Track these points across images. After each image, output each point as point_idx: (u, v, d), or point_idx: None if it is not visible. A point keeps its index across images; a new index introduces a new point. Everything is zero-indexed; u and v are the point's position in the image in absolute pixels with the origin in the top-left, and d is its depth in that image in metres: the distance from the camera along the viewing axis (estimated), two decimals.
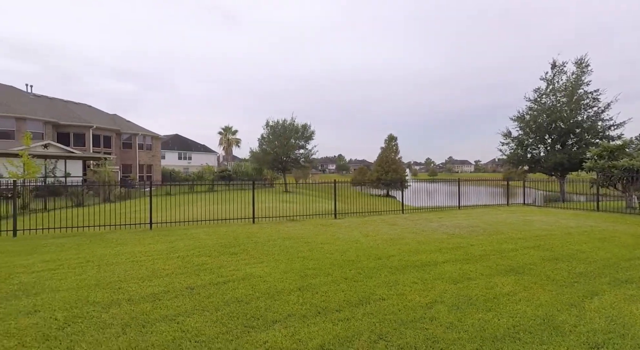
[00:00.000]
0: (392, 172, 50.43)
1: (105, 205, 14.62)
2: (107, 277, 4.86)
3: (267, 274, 4.90)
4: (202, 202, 15.60)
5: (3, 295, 4.12)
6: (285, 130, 36.33)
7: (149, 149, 39.30)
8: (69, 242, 7.32)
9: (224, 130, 70.79)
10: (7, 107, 26.14)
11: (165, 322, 3.40)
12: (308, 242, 7.08)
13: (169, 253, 6.26)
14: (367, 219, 10.69)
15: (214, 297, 4.04)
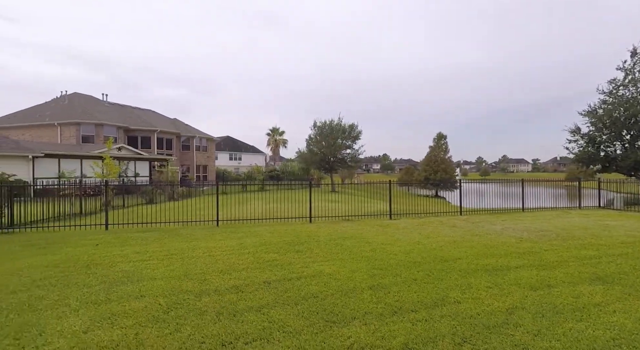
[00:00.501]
0: (441, 172, 48.55)
1: (171, 203, 15.93)
2: (191, 269, 5.36)
3: (335, 272, 5.08)
4: (257, 201, 16.35)
5: (113, 281, 4.74)
6: (332, 131, 36.67)
7: (204, 150, 41.89)
8: (151, 236, 8.14)
9: (271, 132, 73.13)
10: (89, 114, 29.45)
11: (252, 313, 3.70)
12: (369, 242, 7.17)
13: (240, 249, 6.71)
14: (423, 221, 10.49)
15: (290, 292, 4.29)
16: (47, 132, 29.17)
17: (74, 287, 4.52)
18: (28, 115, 31.60)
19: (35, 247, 6.90)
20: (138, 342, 3.10)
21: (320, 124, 37.17)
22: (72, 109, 30.73)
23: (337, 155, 37.01)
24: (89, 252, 6.45)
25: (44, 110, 32.13)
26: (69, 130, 28.74)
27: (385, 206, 15.60)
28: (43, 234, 8.47)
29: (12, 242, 7.42)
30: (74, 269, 5.33)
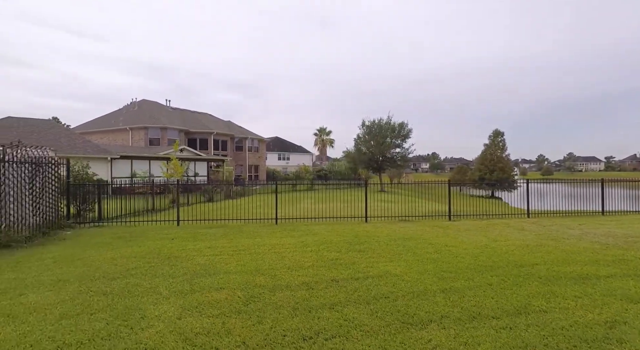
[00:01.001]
0: (497, 171, 45.63)
1: (228, 202, 16.84)
2: (261, 265, 5.62)
3: (403, 273, 5.02)
4: (308, 201, 16.62)
5: (193, 273, 5.15)
6: (381, 130, 36.13)
7: (256, 150, 43.62)
8: (218, 232, 8.68)
9: (319, 132, 74.02)
10: (155, 119, 32.13)
11: (326, 310, 3.79)
12: (432, 244, 6.97)
13: (302, 247, 6.90)
14: (486, 223, 9.94)
15: (360, 291, 4.33)
16: (120, 136, 32.38)
17: (161, 277, 4.98)
18: (105, 122, 35.34)
19: (122, 240, 7.71)
20: (226, 330, 3.33)
21: (368, 123, 36.82)
22: (141, 114, 33.76)
23: (386, 155, 36.41)
24: (167, 246, 7.06)
25: (117, 116, 35.71)
26: (138, 133, 31.63)
27: (439, 207, 15.04)
28: (126, 228, 9.44)
29: (104, 234, 8.36)
30: (158, 261, 5.86)
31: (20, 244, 6.99)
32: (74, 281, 4.79)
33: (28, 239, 7.25)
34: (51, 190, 8.31)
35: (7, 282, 4.71)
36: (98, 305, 3.95)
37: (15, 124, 21.08)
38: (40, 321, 3.53)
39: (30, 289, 4.46)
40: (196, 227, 9.57)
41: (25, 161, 7.42)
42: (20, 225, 7.28)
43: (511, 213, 11.78)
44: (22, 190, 7.32)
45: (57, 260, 5.85)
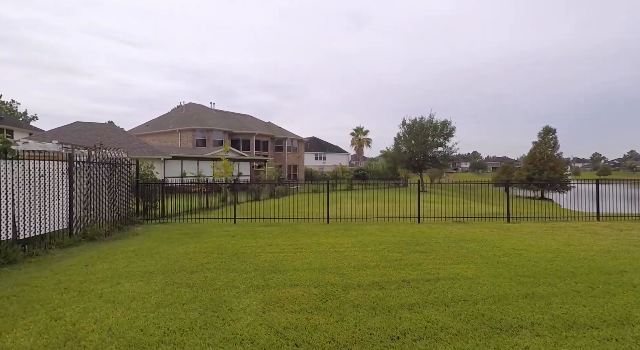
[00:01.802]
0: (548, 171, 42.73)
1: (273, 201, 17.26)
2: (325, 263, 5.72)
3: (475, 276, 4.87)
4: (350, 200, 16.56)
5: (262, 269, 5.35)
6: (422, 128, 35.24)
7: (295, 151, 44.30)
8: (274, 230, 8.94)
9: (355, 131, 73.56)
10: (201, 121, 33.72)
11: (405, 310, 3.78)
12: (497, 247, 6.69)
13: (361, 247, 6.92)
14: (550, 225, 9.35)
15: (435, 293, 4.26)
16: (170, 138, 34.35)
17: (235, 272, 5.23)
18: (156, 124, 37.68)
19: (188, 236, 8.19)
20: (312, 326, 3.44)
21: (409, 122, 36.08)
22: (189, 117, 35.59)
23: (428, 154, 35.43)
24: (231, 243, 7.39)
25: (167, 119, 37.93)
26: (186, 135, 33.36)
27: (489, 208, 14.37)
28: (188, 225, 10.01)
29: (170, 230, 8.94)
30: (227, 257, 6.16)
31: (102, 237, 7.66)
32: (158, 273, 5.17)
33: (107, 233, 7.93)
34: (124, 188, 9.02)
35: (103, 272, 5.19)
36: (186, 296, 4.24)
37: (82, 128, 23.10)
38: (141, 308, 3.85)
39: (123, 279, 4.87)
40: (252, 225, 9.93)
41: (105, 162, 8.11)
42: (101, 221, 7.98)
43: (574, 216, 10.98)
44: (102, 188, 8.02)
45: (138, 254, 6.34)
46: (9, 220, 5.43)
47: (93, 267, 5.45)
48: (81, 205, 7.27)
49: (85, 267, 5.48)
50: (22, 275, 5.02)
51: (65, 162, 6.79)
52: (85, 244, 7.15)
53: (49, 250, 6.25)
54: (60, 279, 4.82)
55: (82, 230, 7.27)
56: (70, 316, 3.64)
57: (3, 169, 5.34)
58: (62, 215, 6.77)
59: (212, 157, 28.14)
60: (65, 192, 6.81)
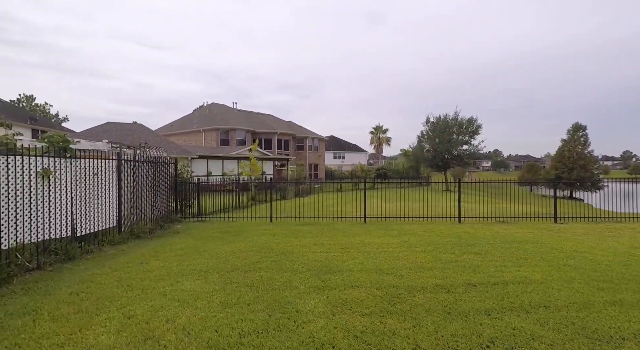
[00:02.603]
0: (578, 169, 41.02)
1: (299, 199, 17.20)
2: (378, 263, 5.55)
3: (546, 280, 4.60)
4: (375, 200, 16.20)
5: (315, 269, 5.23)
6: (447, 126, 34.43)
7: (316, 150, 44.23)
8: (313, 229, 8.84)
9: (374, 130, 72.89)
10: (225, 121, 34.13)
11: (482, 316, 3.57)
12: (556, 249, 6.36)
13: (409, 247, 6.72)
14: (603, 226, 8.86)
15: (509, 298, 4.02)
16: (195, 137, 34.94)
17: (289, 272, 5.13)
18: (181, 124, 38.43)
19: (229, 234, 8.20)
20: (390, 331, 3.28)
21: (433, 120, 35.31)
22: (212, 117, 36.09)
23: (453, 152, 34.57)
24: (274, 242, 7.33)
25: (191, 119, 38.63)
26: (210, 135, 33.84)
27: (524, 208, 13.82)
28: (225, 223, 10.06)
29: (209, 228, 8.99)
30: (275, 256, 6.08)
31: (146, 235, 7.76)
32: (212, 272, 5.14)
33: (150, 231, 8.03)
34: (165, 187, 9.13)
35: (158, 270, 5.20)
36: (248, 296, 4.16)
37: (113, 128, 23.76)
38: (208, 308, 3.80)
39: (181, 277, 4.86)
40: (288, 224, 9.87)
41: (148, 161, 8.22)
42: (144, 219, 8.09)
43: (627, 216, 10.34)
44: (145, 187, 8.12)
45: (187, 252, 6.36)
46: (68, 217, 5.54)
47: (148, 265, 5.48)
48: (128, 204, 7.38)
49: (140, 264, 5.52)
50: (83, 271, 5.09)
51: (114, 160, 6.90)
52: (132, 241, 7.25)
53: (101, 248, 6.35)
54: (120, 276, 4.85)
55: (129, 228, 7.38)
56: (141, 314, 3.62)
57: (63, 168, 5.45)
58: (113, 213, 6.88)
59: (237, 156, 28.43)
60: (115, 190, 6.92)
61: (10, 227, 4.48)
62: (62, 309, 3.74)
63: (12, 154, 4.57)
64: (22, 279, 4.61)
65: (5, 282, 4.32)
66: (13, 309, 3.72)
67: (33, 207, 4.86)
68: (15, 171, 4.62)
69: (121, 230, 7.10)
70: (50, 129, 35.74)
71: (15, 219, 4.57)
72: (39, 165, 5.00)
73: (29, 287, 4.36)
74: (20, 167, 4.72)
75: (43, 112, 48.70)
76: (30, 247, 4.77)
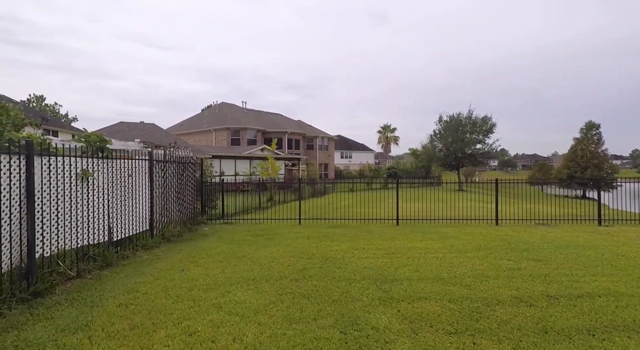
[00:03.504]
0: (591, 168, 40.19)
1: (316, 200, 16.82)
2: (436, 271, 5.15)
3: (633, 293, 4.19)
4: (392, 200, 15.71)
5: (370, 278, 4.85)
6: (460, 124, 33.85)
7: (325, 149, 43.85)
8: (346, 232, 8.45)
9: (382, 129, 72.27)
10: (236, 120, 33.87)
11: (588, 336, 3.17)
12: (621, 255, 5.93)
13: (458, 252, 6.31)
14: None
15: (606, 315, 3.60)
16: (205, 137, 34.72)
17: (342, 281, 4.75)
18: (190, 124, 38.26)
19: (262, 238, 7.84)
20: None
21: (446, 118, 34.76)
22: (222, 116, 35.85)
23: (466, 151, 33.98)
24: (312, 246, 6.96)
25: (200, 118, 38.43)
26: (221, 134, 33.60)
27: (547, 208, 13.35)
28: (252, 225, 9.71)
29: (238, 231, 8.65)
30: (319, 262, 5.71)
31: (175, 238, 7.44)
32: (260, 280, 4.79)
33: (179, 234, 7.70)
34: (191, 188, 8.80)
35: (202, 278, 4.85)
36: (310, 309, 3.80)
37: (126, 128, 23.57)
38: (272, 323, 3.44)
39: (230, 287, 4.51)
40: (317, 226, 9.49)
41: (176, 161, 7.89)
42: (173, 222, 7.76)
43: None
44: (172, 188, 7.80)
45: (226, 257, 6.01)
46: (105, 221, 5.21)
47: (190, 272, 5.14)
48: (160, 206, 7.06)
49: (181, 272, 5.18)
50: (124, 279, 4.76)
51: (147, 161, 6.57)
52: (164, 245, 6.92)
53: (136, 252, 6.03)
54: (166, 286, 4.51)
55: (161, 231, 7.05)
56: (203, 331, 3.27)
57: (100, 169, 5.12)
58: (145, 216, 6.55)
59: (249, 155, 28.14)
60: (147, 192, 6.59)
61: (52, 232, 4.16)
62: (116, 324, 3.40)
63: (53, 155, 4.24)
64: (64, 288, 4.28)
65: (49, 292, 3.99)
66: (63, 323, 3.39)
67: (74, 211, 4.53)
68: (56, 172, 4.29)
69: (153, 233, 6.77)
70: (61, 129, 35.69)
71: (57, 224, 4.24)
72: (78, 166, 4.67)
73: (73, 297, 4.03)
74: (60, 168, 4.39)
75: (53, 112, 48.81)
76: (71, 253, 4.44)
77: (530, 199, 13.82)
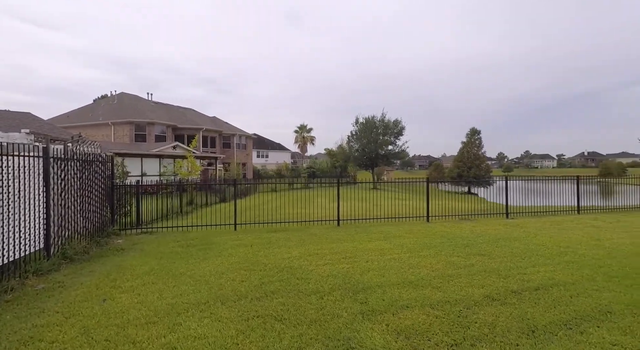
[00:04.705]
0: (475, 168, 47.43)
1: (240, 202, 15.78)
2: (401, 275, 5.00)
3: (573, 281, 4.64)
4: (321, 199, 15.77)
5: (340, 287, 4.43)
6: (374, 126, 36.09)
7: (244, 148, 42.05)
8: (290, 236, 7.87)
9: (299, 129, 72.94)
10: (140, 113, 29.87)
11: (566, 330, 3.30)
12: (541, 245, 6.69)
13: (410, 252, 6.33)
14: (547, 220, 9.90)
15: (568, 305, 3.86)
16: (101, 131, 29.75)
17: (310, 294, 4.23)
18: (80, 116, 32.37)
19: (195, 248, 6.73)
20: None
21: (363, 120, 36.66)
22: (123, 108, 31.25)
23: (380, 152, 36.41)
24: (259, 254, 6.22)
25: (94, 110, 32.84)
26: (122, 128, 29.24)
27: (455, 204, 15.09)
28: (181, 234, 8.33)
29: (164, 242, 7.29)
30: (276, 273, 5.07)
31: (82, 256, 5.86)
32: (214, 303, 3.95)
33: (85, 250, 6.11)
34: (98, 192, 7.12)
35: (136, 309, 3.76)
36: (291, 335, 3.21)
37: None
38: None
39: (177, 317, 3.57)
40: (256, 231, 8.68)
41: (80, 159, 6.24)
42: (77, 235, 6.12)
43: (558, 210, 11.71)
44: (74, 193, 6.15)
45: (157, 277, 4.89)
46: None
47: (115, 302, 3.96)
48: (59, 216, 5.42)
49: (102, 302, 3.96)
50: (14, 324, 3.38)
51: (40, 158, 4.94)
52: (67, 266, 5.33)
53: (25, 281, 4.46)
54: (85, 326, 3.34)
55: (61, 248, 5.43)
56: None
57: None
58: (39, 231, 4.92)
59: (159, 153, 25.05)
60: (41, 199, 4.95)
61: None
62: None
63: None
64: None
65: None
66: None
67: None
68: None
69: (50, 253, 5.16)
70: None
71: None
72: None
73: None
74: None
75: None
76: None
77: (433, 195, 15.23)
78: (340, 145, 47.98)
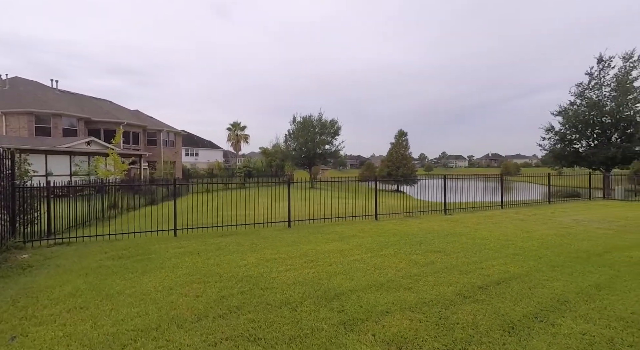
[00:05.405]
0: (402, 168, 50.94)
1: (171, 202, 14.43)
2: (369, 277, 4.83)
3: (525, 273, 4.96)
4: (262, 199, 15.27)
5: (311, 296, 4.08)
6: (312, 126, 36.27)
7: (172, 145, 38.82)
8: (240, 240, 7.24)
9: (232, 126, 70.02)
10: (43, 103, 25.55)
11: (539, 323, 3.43)
12: (484, 239, 7.16)
13: (370, 252, 6.24)
14: (480, 214, 10.82)
15: (531, 297, 4.04)
16: None
17: (281, 307, 3.80)
18: None
19: (131, 260, 5.72)
20: None
21: (300, 119, 36.58)
22: (19, 96, 26.36)
23: (317, 151, 36.74)
24: (208, 263, 5.53)
25: None
26: (17, 120, 24.63)
27: (394, 201, 15.90)
28: (107, 244, 7.06)
29: (89, 255, 6.07)
30: (236, 284, 4.51)
31: None
32: (170, 327, 3.29)
33: None
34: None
35: (64, 345, 2.92)
36: None
37: None
38: None
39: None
40: (200, 236, 7.82)
41: None
42: None
43: (486, 206, 12.92)
44: None
45: (88, 299, 3.96)
46: None
47: (31, 340, 3.04)
48: None
49: (11, 341, 3.01)
50: None
51: None
52: None
53: None
54: None
55: None
56: None
57: None
58: None
59: (69, 150, 21.64)
60: None
61: None
62: None
63: None
64: None
65: None
66: None
67: None
68: None
69: None
70: None
71: None
72: None
73: None
74: None
75: None
76: None
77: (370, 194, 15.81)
78: (276, 144, 47.27)
